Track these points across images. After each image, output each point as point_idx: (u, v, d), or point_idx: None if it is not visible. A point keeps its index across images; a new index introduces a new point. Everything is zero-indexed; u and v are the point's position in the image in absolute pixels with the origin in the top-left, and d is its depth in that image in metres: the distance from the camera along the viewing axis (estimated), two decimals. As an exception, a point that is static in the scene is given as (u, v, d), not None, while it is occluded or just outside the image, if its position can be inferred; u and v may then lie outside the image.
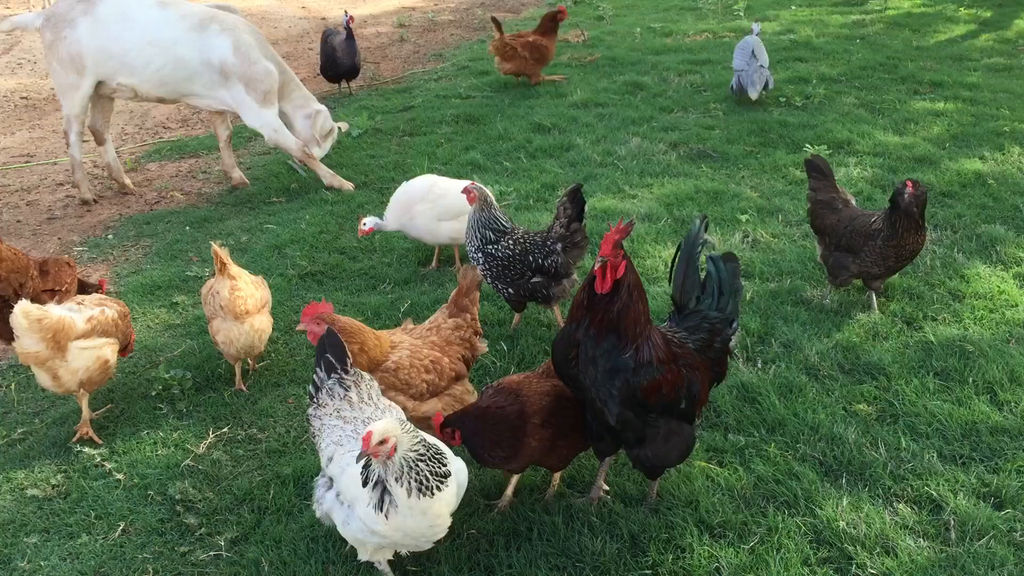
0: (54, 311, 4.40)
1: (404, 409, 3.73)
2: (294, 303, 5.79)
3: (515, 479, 3.94)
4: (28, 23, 7.64)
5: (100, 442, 4.57)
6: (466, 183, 5.33)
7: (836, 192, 5.57)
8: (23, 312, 4.26)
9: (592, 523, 3.77)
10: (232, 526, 3.92)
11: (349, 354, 3.60)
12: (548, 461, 3.85)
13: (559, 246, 5.06)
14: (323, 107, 8.12)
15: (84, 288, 5.40)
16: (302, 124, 8.02)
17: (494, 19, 10.64)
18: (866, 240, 5.21)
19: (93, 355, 4.51)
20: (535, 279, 5.08)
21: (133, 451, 4.48)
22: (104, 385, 4.80)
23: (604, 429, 3.64)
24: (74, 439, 4.58)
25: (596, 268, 3.38)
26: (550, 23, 10.39)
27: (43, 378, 4.49)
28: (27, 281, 5.14)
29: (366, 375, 3.65)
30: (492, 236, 5.11)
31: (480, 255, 5.12)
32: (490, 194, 5.22)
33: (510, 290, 5.16)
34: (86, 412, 4.63)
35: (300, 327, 3.89)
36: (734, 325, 3.85)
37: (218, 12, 7.70)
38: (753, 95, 9.03)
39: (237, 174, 8.25)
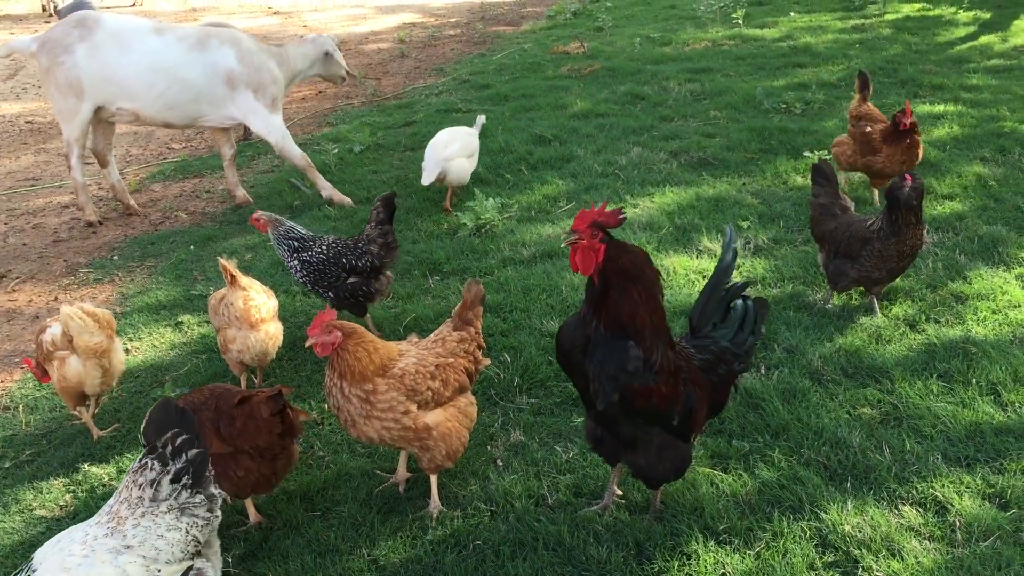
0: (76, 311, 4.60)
1: (407, 413, 3.76)
2: (298, 319, 5.82)
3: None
4: (23, 48, 7.56)
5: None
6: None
7: (836, 198, 5.59)
8: (75, 312, 4.50)
9: (598, 532, 3.78)
10: (240, 542, 3.93)
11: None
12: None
13: (374, 247, 5.40)
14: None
15: None
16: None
17: (862, 73, 7.35)
18: (863, 245, 5.22)
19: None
20: (351, 279, 5.40)
21: (140, 470, 4.50)
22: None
23: (602, 427, 3.64)
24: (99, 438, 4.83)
25: (569, 244, 3.38)
26: (892, 127, 6.68)
27: (94, 375, 4.63)
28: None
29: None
30: (297, 244, 5.45)
31: (297, 262, 5.42)
32: (275, 216, 5.64)
33: (330, 293, 5.46)
34: (90, 423, 4.82)
35: (308, 343, 3.84)
36: (743, 366, 3.78)
37: (212, 28, 7.77)
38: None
39: (241, 193, 8.29)
